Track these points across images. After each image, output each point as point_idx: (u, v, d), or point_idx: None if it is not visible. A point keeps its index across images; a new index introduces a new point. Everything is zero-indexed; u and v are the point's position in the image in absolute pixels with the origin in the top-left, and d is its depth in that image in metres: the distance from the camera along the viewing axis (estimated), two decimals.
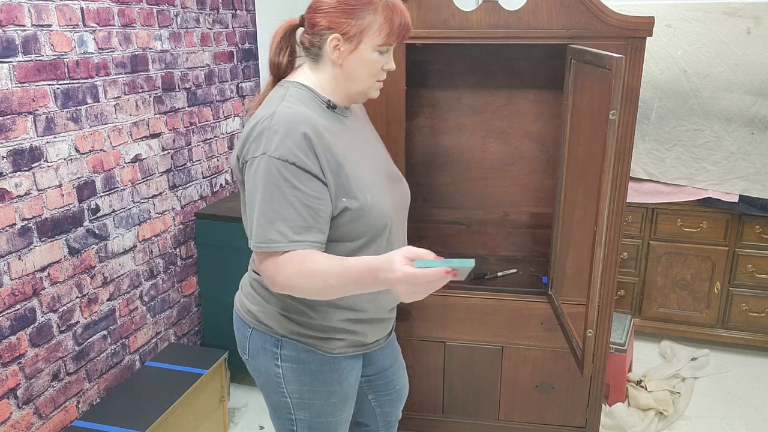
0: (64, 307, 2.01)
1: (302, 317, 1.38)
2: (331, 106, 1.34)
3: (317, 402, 1.45)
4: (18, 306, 1.83)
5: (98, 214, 2.13)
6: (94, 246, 2.12)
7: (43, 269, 1.91)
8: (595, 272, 1.54)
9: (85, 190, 2.07)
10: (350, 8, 1.27)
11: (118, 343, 2.28)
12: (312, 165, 1.22)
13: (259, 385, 1.49)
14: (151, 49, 2.34)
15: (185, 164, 2.62)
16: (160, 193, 2.47)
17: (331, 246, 1.31)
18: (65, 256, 1.99)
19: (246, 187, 1.26)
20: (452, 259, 1.09)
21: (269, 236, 1.21)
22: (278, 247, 1.21)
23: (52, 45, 1.89)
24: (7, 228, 1.78)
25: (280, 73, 1.39)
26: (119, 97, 2.19)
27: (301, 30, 1.36)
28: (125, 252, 2.28)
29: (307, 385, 1.43)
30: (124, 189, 2.25)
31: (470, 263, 1.06)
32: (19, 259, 1.82)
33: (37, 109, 1.86)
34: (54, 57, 1.90)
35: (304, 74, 1.35)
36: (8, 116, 1.76)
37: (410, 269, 1.08)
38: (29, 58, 1.82)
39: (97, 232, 2.13)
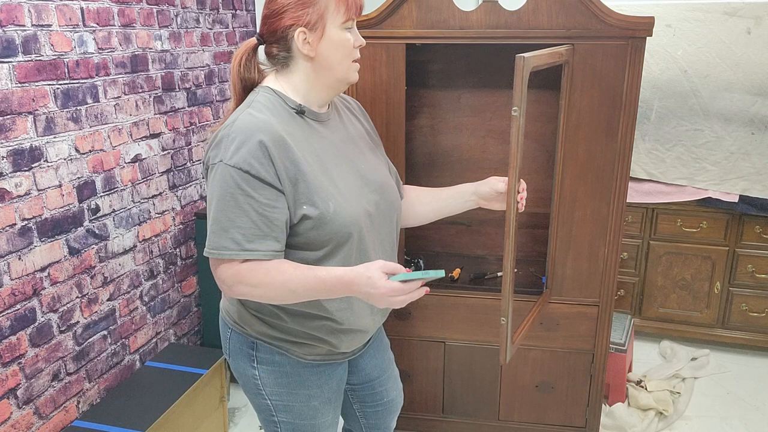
0: (64, 307, 2.01)
1: (276, 320, 1.37)
2: (300, 112, 1.32)
3: (297, 405, 1.44)
4: (18, 306, 1.83)
5: (98, 214, 2.13)
6: (94, 246, 2.12)
7: (43, 269, 1.91)
8: (506, 264, 1.57)
9: (85, 190, 2.07)
10: None
11: (118, 343, 2.28)
12: (266, 173, 1.21)
13: (241, 387, 1.48)
14: (151, 49, 2.34)
15: (185, 164, 2.62)
16: (160, 193, 2.47)
17: (295, 255, 1.30)
18: (65, 256, 1.99)
19: (207, 194, 1.28)
20: (427, 270, 1.20)
21: (222, 243, 1.22)
22: (230, 255, 1.22)
23: (52, 45, 1.89)
24: (7, 228, 1.78)
25: (250, 86, 1.37)
26: (119, 97, 2.19)
27: (262, 47, 1.36)
28: (125, 252, 2.28)
29: (285, 387, 1.42)
30: (124, 189, 2.25)
31: (441, 273, 1.18)
32: (19, 259, 1.82)
33: (37, 109, 1.86)
34: (54, 57, 1.90)
35: (274, 80, 1.35)
36: (8, 116, 1.76)
37: (395, 284, 1.18)
38: (29, 58, 1.82)
39: (97, 232, 2.13)
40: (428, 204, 1.66)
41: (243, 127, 1.22)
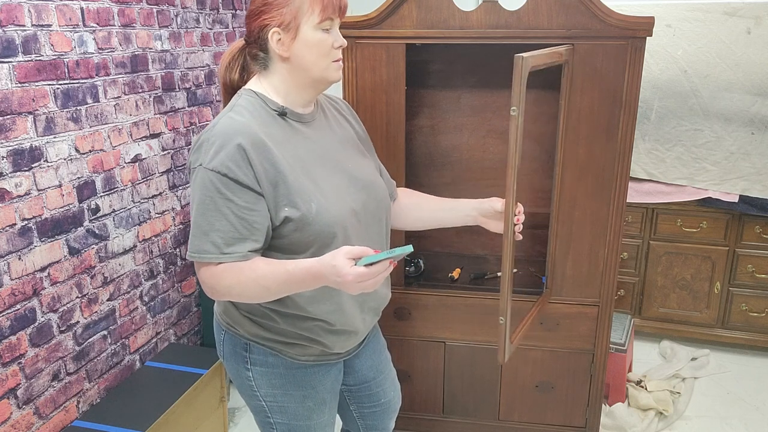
0: (64, 307, 2.01)
1: (268, 321, 1.37)
2: (282, 113, 1.32)
3: (292, 405, 1.44)
4: (18, 306, 1.83)
5: (98, 214, 2.13)
6: (94, 246, 2.12)
7: (43, 269, 1.91)
8: (504, 264, 1.54)
9: (85, 190, 2.07)
10: None
11: (118, 343, 2.28)
12: (245, 176, 1.21)
13: (236, 389, 1.49)
14: (151, 49, 2.34)
15: (185, 164, 2.62)
16: (160, 193, 2.47)
17: (281, 258, 1.29)
18: (65, 256, 1.99)
19: (190, 197, 1.28)
20: (393, 249, 1.16)
21: (202, 247, 1.23)
22: (210, 258, 1.22)
23: (52, 45, 1.89)
24: (7, 228, 1.78)
25: (232, 88, 1.39)
26: (119, 97, 2.19)
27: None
28: (125, 252, 2.28)
29: (279, 388, 1.42)
30: (124, 189, 2.25)
31: (408, 249, 1.14)
32: (19, 259, 1.82)
33: (37, 109, 1.86)
34: (54, 57, 1.90)
35: (257, 82, 1.35)
36: (8, 116, 1.76)
37: (360, 269, 1.13)
38: (29, 58, 1.82)
39: (97, 232, 2.13)
40: (430, 212, 1.65)
41: (222, 131, 1.23)
